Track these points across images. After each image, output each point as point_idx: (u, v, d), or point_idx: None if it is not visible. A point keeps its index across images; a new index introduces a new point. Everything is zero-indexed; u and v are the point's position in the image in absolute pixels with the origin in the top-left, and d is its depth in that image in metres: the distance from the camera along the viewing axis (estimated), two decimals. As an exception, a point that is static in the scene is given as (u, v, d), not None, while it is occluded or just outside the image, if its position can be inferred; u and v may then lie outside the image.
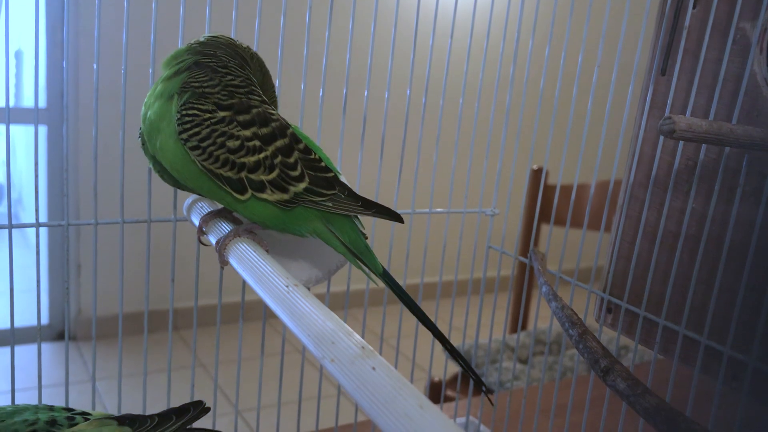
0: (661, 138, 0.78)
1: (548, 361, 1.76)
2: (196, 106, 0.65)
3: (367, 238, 0.75)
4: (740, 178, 0.69)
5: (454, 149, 0.99)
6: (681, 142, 0.75)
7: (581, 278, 0.89)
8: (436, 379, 1.69)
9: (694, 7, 0.76)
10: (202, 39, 0.71)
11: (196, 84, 0.66)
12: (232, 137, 0.65)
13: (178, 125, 0.64)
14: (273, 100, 0.77)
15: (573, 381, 0.85)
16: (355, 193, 0.70)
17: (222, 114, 0.65)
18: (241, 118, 0.65)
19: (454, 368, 1.89)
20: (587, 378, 1.27)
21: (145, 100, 0.69)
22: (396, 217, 0.73)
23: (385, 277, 0.73)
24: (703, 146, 0.73)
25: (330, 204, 0.69)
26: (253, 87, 0.69)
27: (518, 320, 1.86)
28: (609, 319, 0.85)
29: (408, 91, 0.93)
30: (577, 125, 0.85)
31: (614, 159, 0.88)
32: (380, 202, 0.73)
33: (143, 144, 0.70)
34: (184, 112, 0.65)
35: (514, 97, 0.97)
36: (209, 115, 0.65)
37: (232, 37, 0.73)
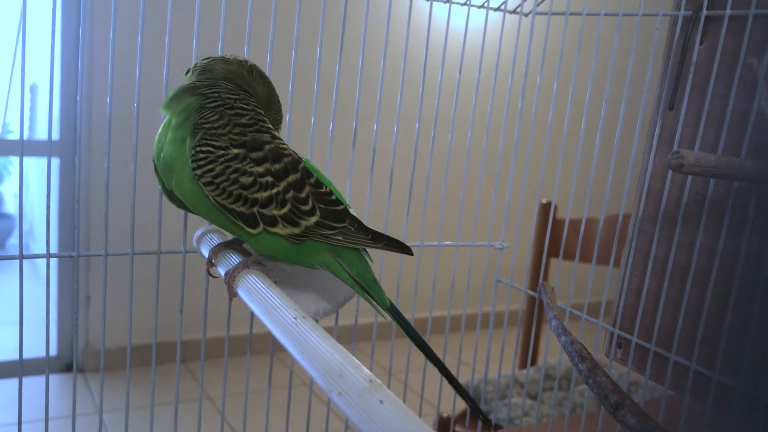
0: (670, 172, 0.78)
1: (558, 397, 1.74)
2: (210, 142, 0.65)
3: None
4: (749, 212, 0.68)
5: (462, 182, 0.99)
6: (690, 177, 0.75)
7: (591, 312, 0.89)
8: (445, 414, 1.67)
9: (701, 43, 0.76)
10: (195, 74, 0.70)
11: (207, 125, 0.67)
12: (245, 173, 0.65)
13: (193, 161, 0.65)
14: (278, 114, 0.77)
15: (583, 417, 0.84)
16: (364, 226, 0.70)
17: (236, 151, 0.66)
18: (254, 155, 0.66)
19: (463, 404, 1.87)
20: (597, 414, 1.25)
21: (156, 142, 0.69)
22: (405, 250, 0.73)
23: (393, 311, 0.73)
24: (712, 180, 0.73)
25: (340, 237, 0.69)
26: (261, 123, 0.69)
27: (528, 355, 1.85)
28: (619, 354, 0.84)
29: (417, 125, 0.93)
30: (585, 159, 0.85)
31: (623, 193, 0.88)
32: (389, 234, 0.73)
33: (156, 170, 0.71)
34: (198, 149, 0.65)
35: (522, 131, 0.98)
36: (223, 152, 0.65)
37: (223, 56, 0.73)
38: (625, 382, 0.82)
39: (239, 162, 0.65)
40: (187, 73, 0.72)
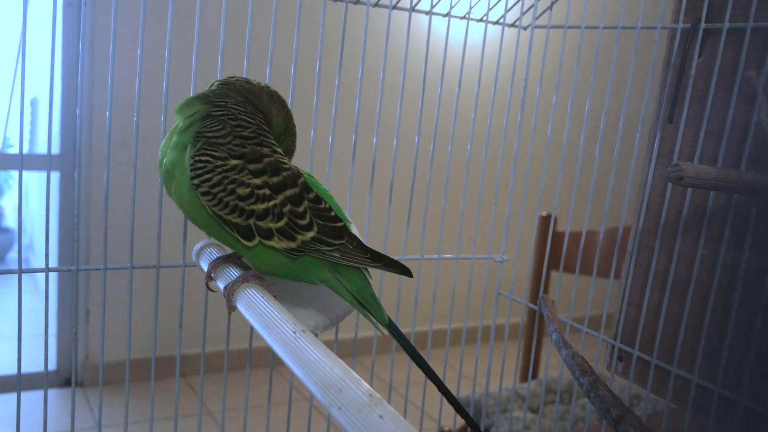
0: (670, 185, 0.78)
1: (559, 411, 1.73)
2: (209, 152, 0.66)
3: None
4: (749, 224, 0.68)
5: (462, 195, 0.99)
6: (689, 189, 0.75)
7: (591, 325, 0.89)
8: (446, 429, 1.66)
9: (699, 56, 0.76)
10: (215, 86, 0.72)
11: (209, 134, 0.67)
12: (243, 185, 0.65)
13: (191, 171, 0.65)
14: (293, 143, 0.78)
15: (584, 431, 0.83)
16: (363, 245, 0.70)
17: (234, 162, 0.66)
18: (252, 166, 0.66)
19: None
20: (599, 428, 1.25)
21: (161, 146, 0.70)
22: (404, 271, 0.72)
23: (391, 327, 0.73)
24: (712, 193, 0.73)
25: (337, 254, 0.69)
26: (263, 137, 0.70)
27: (528, 368, 1.84)
28: (620, 367, 0.83)
29: (416, 138, 0.93)
30: (585, 172, 0.86)
31: (623, 206, 0.88)
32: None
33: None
34: (197, 158, 0.66)
35: (522, 144, 0.98)
36: (221, 162, 0.66)
37: (248, 78, 0.74)
38: (626, 395, 0.82)
39: (237, 173, 0.66)
40: (211, 86, 0.73)
